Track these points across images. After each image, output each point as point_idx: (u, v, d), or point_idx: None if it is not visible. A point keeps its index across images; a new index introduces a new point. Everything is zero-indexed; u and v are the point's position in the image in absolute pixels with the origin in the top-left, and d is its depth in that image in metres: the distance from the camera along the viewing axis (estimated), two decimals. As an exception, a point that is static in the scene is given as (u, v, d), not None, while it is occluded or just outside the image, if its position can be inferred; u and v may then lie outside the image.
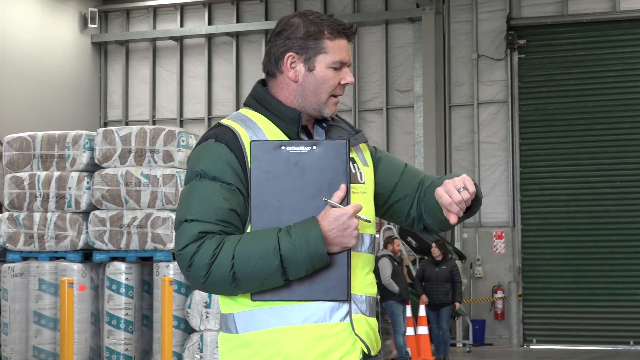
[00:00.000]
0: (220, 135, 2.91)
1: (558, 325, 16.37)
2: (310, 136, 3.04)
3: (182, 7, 18.97)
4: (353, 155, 3.05)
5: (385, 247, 14.01)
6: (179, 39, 18.90)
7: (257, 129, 2.94)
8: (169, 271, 10.48)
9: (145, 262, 10.87)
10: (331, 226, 2.77)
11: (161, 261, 10.58)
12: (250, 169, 2.83)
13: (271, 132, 2.94)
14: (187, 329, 10.48)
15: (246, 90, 18.32)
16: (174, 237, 10.36)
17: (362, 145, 3.14)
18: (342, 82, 3.00)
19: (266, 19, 18.22)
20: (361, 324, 2.90)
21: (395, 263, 13.66)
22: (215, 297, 10.30)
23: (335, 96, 3.02)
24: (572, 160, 16.59)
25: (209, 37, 18.75)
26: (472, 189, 2.89)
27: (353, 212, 2.77)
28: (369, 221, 2.87)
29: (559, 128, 16.68)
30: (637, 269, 16.00)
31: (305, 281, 2.80)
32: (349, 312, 2.87)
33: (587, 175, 16.46)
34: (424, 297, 13.73)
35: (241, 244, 2.77)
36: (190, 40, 18.95)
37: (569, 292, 16.30)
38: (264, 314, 2.85)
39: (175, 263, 10.58)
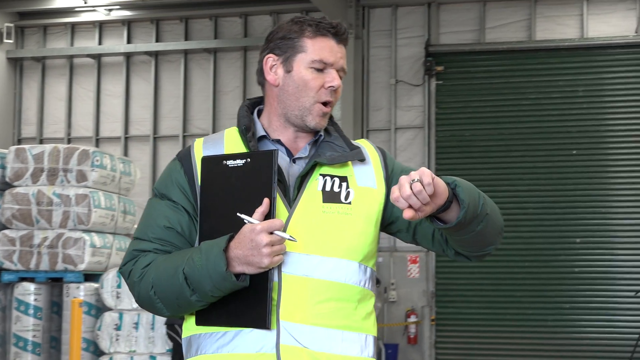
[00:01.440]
0: (181, 152, 2.86)
1: (470, 349, 16.49)
2: (290, 153, 2.86)
3: (101, 25, 18.79)
4: (346, 172, 2.84)
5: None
6: (97, 57, 18.72)
7: (219, 144, 2.82)
8: (79, 292, 10.36)
9: (55, 283, 10.72)
10: (240, 244, 2.57)
11: (71, 282, 10.45)
12: (200, 184, 2.73)
13: (234, 145, 2.81)
14: (97, 352, 10.35)
15: (164, 110, 18.22)
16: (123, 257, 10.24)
17: (377, 164, 2.92)
18: (326, 84, 2.80)
19: (186, 39, 18.15)
20: (294, 356, 2.63)
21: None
22: (125, 319, 10.18)
23: (323, 104, 2.82)
24: (488, 187, 16.76)
25: (128, 56, 18.60)
26: (426, 180, 2.52)
27: (261, 228, 2.54)
28: (294, 240, 2.58)
29: (475, 154, 16.85)
30: (548, 294, 16.20)
31: (230, 306, 2.65)
32: (277, 342, 2.63)
33: (502, 201, 16.64)
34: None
35: (162, 262, 2.67)
36: (108, 59, 18.77)
37: (481, 317, 16.44)
38: (198, 340, 2.73)
39: (86, 284, 10.47)
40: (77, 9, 18.49)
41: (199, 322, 2.71)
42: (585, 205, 16.22)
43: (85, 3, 17.90)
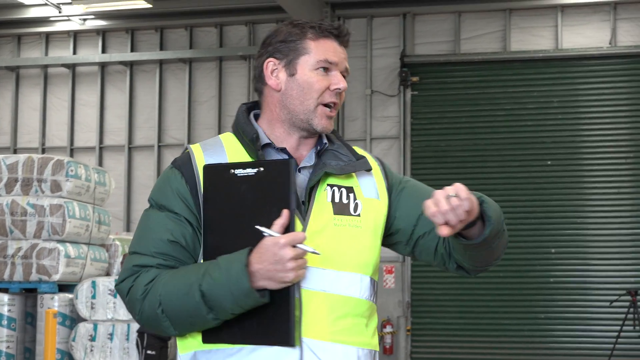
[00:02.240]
0: (179, 159, 2.69)
1: (446, 359, 16.52)
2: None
3: (75, 35, 18.72)
4: (352, 183, 2.72)
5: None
6: (72, 67, 18.64)
7: (220, 151, 2.67)
8: (54, 303, 10.29)
9: (29, 293, 10.65)
10: (261, 258, 2.42)
11: (46, 293, 10.37)
12: (202, 194, 2.57)
13: (237, 154, 2.67)
14: (71, 363, 10.29)
15: (139, 120, 18.16)
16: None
17: (378, 174, 2.83)
18: (332, 87, 2.68)
19: (161, 49, 18.10)
20: None
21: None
22: (100, 330, 10.13)
23: (327, 106, 2.70)
24: (462, 197, 16.74)
25: (103, 66, 18.54)
26: (464, 195, 2.51)
27: (285, 241, 2.40)
28: (317, 253, 2.46)
29: (450, 165, 16.89)
30: (524, 304, 16.24)
31: (246, 322, 2.50)
32: None
33: (477, 211, 16.63)
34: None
35: (170, 278, 2.51)
36: (83, 68, 18.70)
37: (457, 327, 16.45)
38: (207, 355, 2.58)
39: (60, 295, 10.40)
40: (51, 19, 18.41)
41: (206, 340, 2.56)
42: (560, 215, 16.28)
43: (60, 12, 17.82)
